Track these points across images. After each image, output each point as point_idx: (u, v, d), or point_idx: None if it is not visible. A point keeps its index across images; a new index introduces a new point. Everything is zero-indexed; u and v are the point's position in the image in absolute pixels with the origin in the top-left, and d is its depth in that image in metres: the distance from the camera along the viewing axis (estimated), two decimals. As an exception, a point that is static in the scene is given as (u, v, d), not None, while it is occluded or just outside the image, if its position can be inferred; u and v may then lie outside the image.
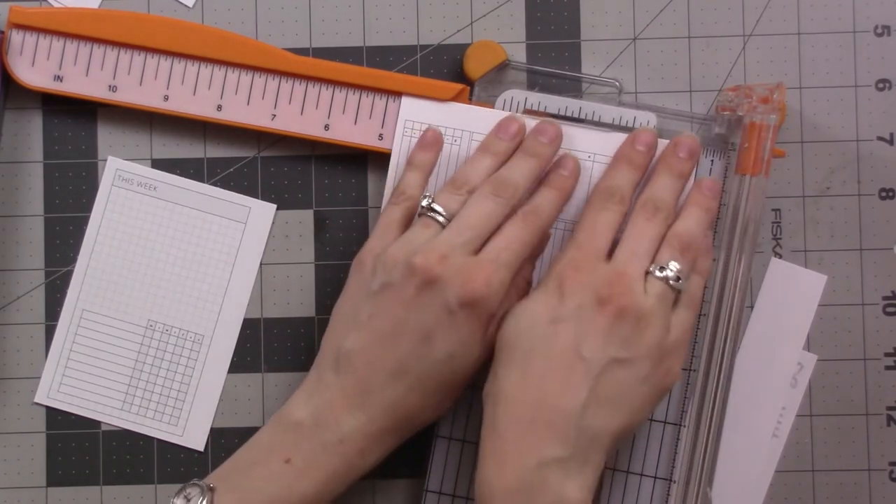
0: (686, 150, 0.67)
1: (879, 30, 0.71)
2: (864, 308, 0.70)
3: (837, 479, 0.70)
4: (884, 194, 0.70)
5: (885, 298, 0.70)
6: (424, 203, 0.65)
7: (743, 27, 0.71)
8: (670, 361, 0.62)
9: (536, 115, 0.68)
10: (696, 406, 0.66)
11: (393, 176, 0.69)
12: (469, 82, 0.70)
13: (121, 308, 0.71)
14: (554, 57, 0.71)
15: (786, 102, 0.70)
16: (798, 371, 0.69)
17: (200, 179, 0.72)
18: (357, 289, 0.65)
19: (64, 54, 0.70)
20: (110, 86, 0.70)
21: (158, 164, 0.72)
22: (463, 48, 0.70)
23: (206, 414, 0.71)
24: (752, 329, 0.69)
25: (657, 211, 0.65)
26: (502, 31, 0.71)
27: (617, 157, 0.67)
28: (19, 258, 0.71)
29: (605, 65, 0.71)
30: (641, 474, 0.68)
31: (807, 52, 0.71)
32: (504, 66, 0.70)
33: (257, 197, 0.71)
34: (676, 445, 0.68)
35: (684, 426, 0.68)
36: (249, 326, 0.71)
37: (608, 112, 0.69)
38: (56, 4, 0.71)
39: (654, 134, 0.67)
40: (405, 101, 0.69)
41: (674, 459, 0.68)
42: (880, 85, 0.71)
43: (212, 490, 0.62)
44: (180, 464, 0.71)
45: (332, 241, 0.71)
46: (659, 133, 0.68)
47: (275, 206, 0.71)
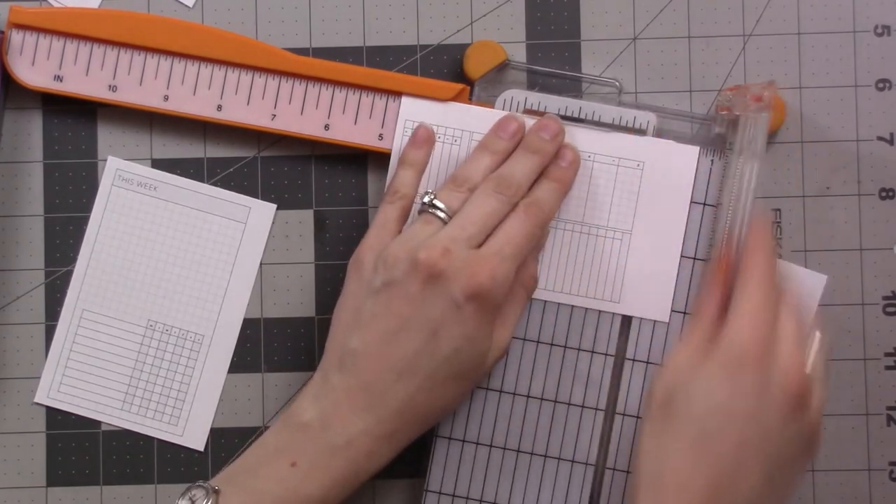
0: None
1: (879, 30, 0.71)
2: (864, 308, 0.70)
3: (837, 479, 0.70)
4: (884, 194, 0.70)
5: (885, 298, 0.70)
6: (426, 200, 0.65)
7: (743, 27, 0.71)
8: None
9: (536, 115, 0.68)
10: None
11: (392, 175, 0.69)
12: (469, 82, 0.70)
13: (121, 308, 0.71)
14: (554, 57, 0.71)
15: (786, 103, 0.70)
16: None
17: (200, 179, 0.72)
18: (357, 288, 0.65)
19: (64, 54, 0.70)
20: (110, 86, 0.70)
21: (158, 164, 0.72)
22: (463, 48, 0.70)
23: (206, 414, 0.71)
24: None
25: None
26: (502, 31, 0.71)
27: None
28: (19, 258, 0.71)
29: (605, 65, 0.71)
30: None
31: (807, 52, 0.71)
32: (504, 66, 0.70)
33: (257, 197, 0.71)
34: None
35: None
36: (249, 326, 0.71)
37: (608, 112, 0.69)
38: (56, 4, 0.71)
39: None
40: (405, 101, 0.69)
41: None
42: (880, 85, 0.71)
43: (216, 492, 0.61)
44: (180, 464, 0.71)
45: (332, 241, 0.71)
46: (659, 133, 0.69)
47: (275, 206, 0.71)
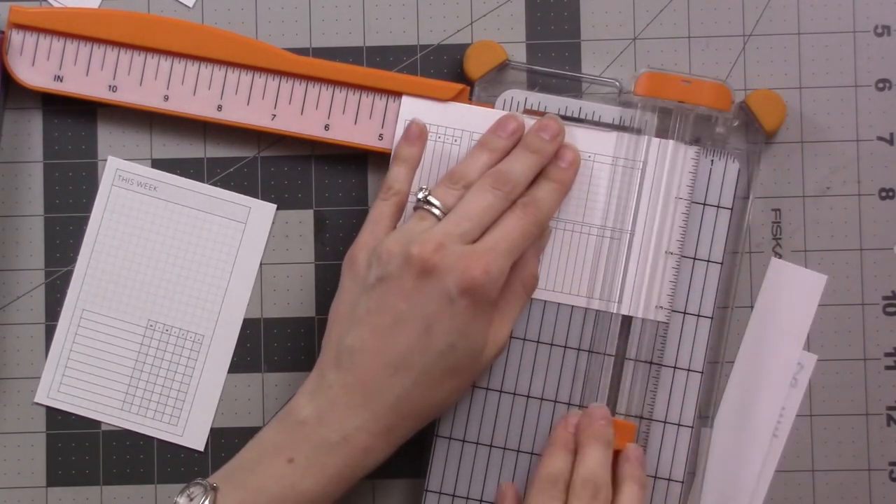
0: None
1: (879, 30, 0.71)
2: (864, 308, 0.70)
3: (837, 479, 0.70)
4: (884, 194, 0.70)
5: (885, 298, 0.70)
6: (420, 196, 0.65)
7: (743, 27, 0.71)
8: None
9: (537, 115, 0.68)
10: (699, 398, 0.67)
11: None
12: (469, 82, 0.70)
13: (121, 308, 0.71)
14: (554, 57, 0.71)
15: (783, 100, 0.70)
16: (798, 371, 0.69)
17: (200, 179, 0.72)
18: (352, 285, 0.65)
19: (64, 54, 0.70)
20: (110, 86, 0.70)
21: (158, 164, 0.72)
22: (463, 48, 0.70)
23: (206, 414, 0.71)
24: (752, 329, 0.69)
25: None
26: (502, 31, 0.71)
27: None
28: (19, 258, 0.71)
29: (605, 65, 0.71)
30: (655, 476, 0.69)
31: (807, 52, 0.71)
32: (504, 66, 0.70)
33: (257, 197, 0.71)
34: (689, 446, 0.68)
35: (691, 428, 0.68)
36: (249, 326, 0.71)
37: (608, 112, 0.69)
38: (56, 4, 0.71)
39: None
40: (405, 101, 0.69)
41: (686, 460, 0.68)
42: (880, 85, 0.71)
43: (215, 489, 0.61)
44: (180, 464, 0.71)
45: (332, 241, 0.71)
46: (659, 132, 0.69)
47: (275, 206, 0.71)
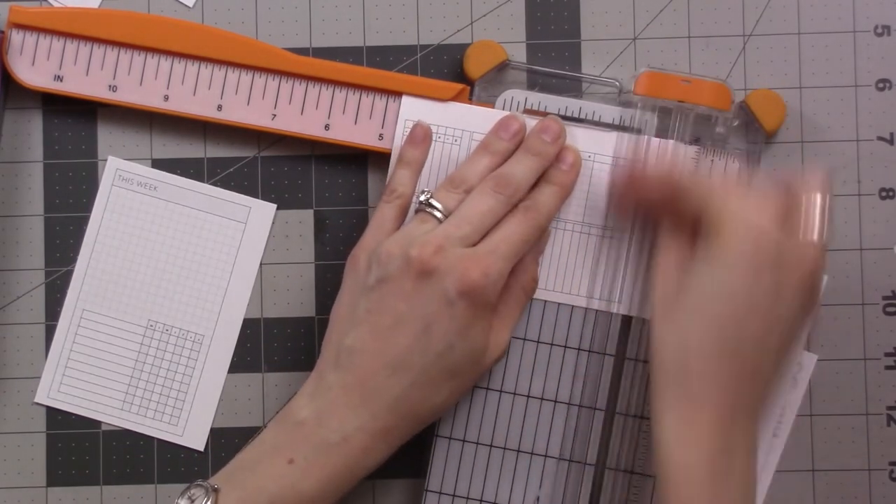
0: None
1: (879, 30, 0.71)
2: (864, 308, 0.70)
3: (837, 479, 0.70)
4: (884, 194, 0.70)
5: (885, 298, 0.70)
6: (422, 198, 0.65)
7: (743, 27, 0.71)
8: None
9: (538, 116, 0.68)
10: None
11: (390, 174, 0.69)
12: (469, 82, 0.70)
13: (121, 308, 0.71)
14: (554, 57, 0.71)
15: (784, 101, 0.70)
16: (798, 371, 0.69)
17: (200, 179, 0.72)
18: (353, 286, 0.65)
19: (64, 54, 0.70)
20: (110, 86, 0.70)
21: (158, 164, 0.72)
22: (463, 48, 0.70)
23: (206, 414, 0.71)
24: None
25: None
26: (502, 31, 0.71)
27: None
28: (19, 258, 0.71)
29: (605, 65, 0.71)
30: (643, 473, 0.68)
31: (807, 52, 0.71)
32: (504, 66, 0.70)
33: (257, 197, 0.71)
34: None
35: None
36: (249, 326, 0.71)
37: (608, 112, 0.69)
38: (56, 4, 0.71)
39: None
40: (405, 101, 0.69)
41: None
42: (880, 85, 0.71)
43: (216, 491, 0.62)
44: (180, 464, 0.71)
45: (332, 241, 0.71)
46: (659, 132, 0.68)
47: (275, 206, 0.71)
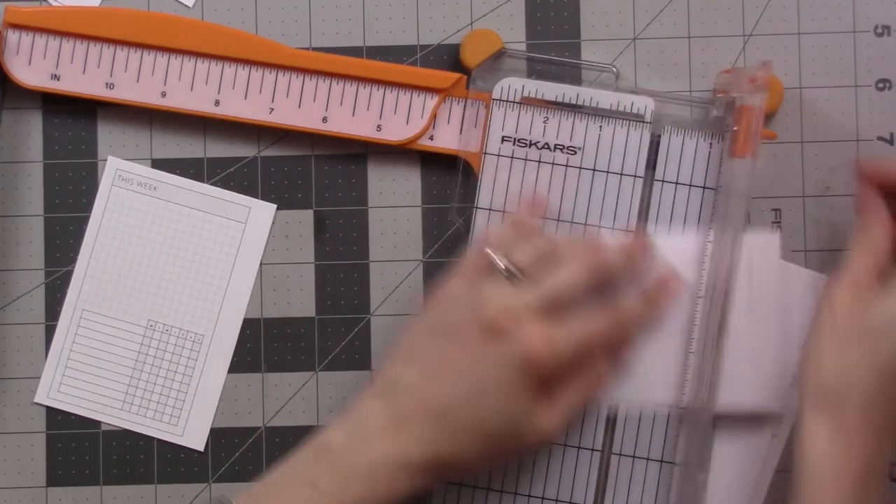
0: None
1: (879, 30, 0.71)
2: (864, 308, 0.70)
3: (837, 479, 0.70)
4: (884, 194, 0.71)
5: (886, 298, 0.70)
6: (503, 264, 0.65)
7: (743, 27, 0.71)
8: None
9: (534, 103, 0.68)
10: (692, 388, 0.67)
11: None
12: (466, 71, 0.70)
13: (121, 308, 0.71)
14: (554, 56, 0.71)
15: (781, 83, 0.70)
16: (798, 371, 0.69)
17: (200, 179, 0.71)
18: (424, 326, 0.65)
19: (60, 53, 0.70)
20: (107, 83, 0.70)
21: (158, 164, 0.72)
22: (463, 48, 0.70)
23: (206, 414, 0.71)
24: (752, 329, 0.69)
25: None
26: (502, 31, 0.71)
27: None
28: (19, 258, 0.71)
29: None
30: (648, 458, 0.69)
31: (807, 52, 0.71)
32: (501, 55, 0.70)
33: (257, 197, 0.71)
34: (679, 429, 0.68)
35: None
36: (249, 326, 0.71)
37: (606, 98, 0.69)
38: (55, 3, 0.71)
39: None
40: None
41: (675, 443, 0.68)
42: (880, 85, 0.71)
43: None
44: (180, 464, 0.71)
45: (332, 241, 0.71)
46: (657, 117, 0.69)
47: (275, 206, 0.71)
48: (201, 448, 0.71)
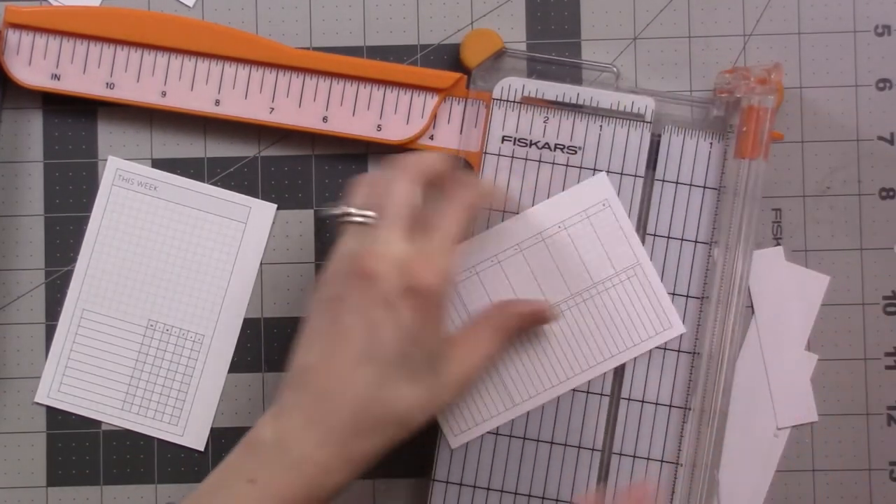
0: None
1: (879, 30, 0.71)
2: (865, 308, 0.70)
3: (837, 479, 0.70)
4: (884, 194, 0.71)
5: (886, 298, 0.70)
6: (340, 210, 0.64)
7: (743, 27, 0.71)
8: None
9: (534, 103, 0.68)
10: (701, 389, 0.67)
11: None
12: (467, 71, 0.70)
13: (121, 308, 0.71)
14: (554, 56, 0.71)
15: (782, 83, 0.70)
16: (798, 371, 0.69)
17: (201, 179, 0.71)
18: (318, 300, 0.63)
19: (60, 52, 0.70)
20: (108, 83, 0.70)
21: (159, 164, 0.72)
22: (463, 48, 0.70)
23: (206, 414, 0.71)
24: (753, 329, 0.70)
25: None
26: (502, 31, 0.71)
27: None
28: (19, 258, 0.71)
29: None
30: (648, 458, 0.68)
31: (807, 52, 0.71)
32: (501, 54, 0.70)
33: (257, 197, 0.71)
34: (682, 429, 0.68)
35: (690, 409, 0.68)
36: (249, 326, 0.71)
37: (606, 97, 0.69)
38: (55, 3, 0.71)
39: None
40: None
41: (679, 443, 0.68)
42: (880, 85, 0.71)
43: None
44: (180, 464, 0.71)
45: (332, 241, 0.71)
46: (657, 117, 0.69)
47: (275, 206, 0.71)
48: (202, 448, 0.71)
